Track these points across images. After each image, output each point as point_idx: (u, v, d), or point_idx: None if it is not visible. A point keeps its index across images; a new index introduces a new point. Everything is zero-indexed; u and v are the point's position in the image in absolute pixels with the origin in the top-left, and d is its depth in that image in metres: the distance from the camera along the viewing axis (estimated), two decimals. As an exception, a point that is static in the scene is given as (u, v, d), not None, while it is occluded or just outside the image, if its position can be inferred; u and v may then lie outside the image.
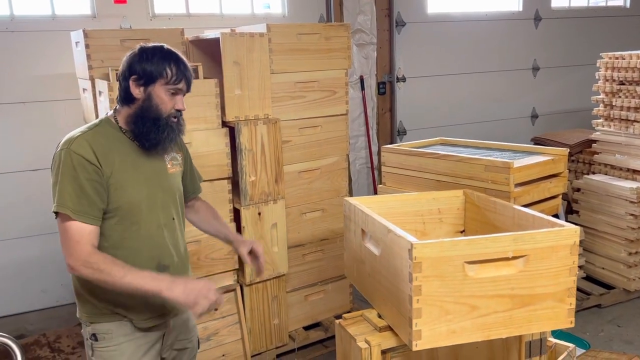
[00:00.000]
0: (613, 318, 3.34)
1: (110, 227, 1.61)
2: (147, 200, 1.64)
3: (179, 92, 1.63)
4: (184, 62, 1.64)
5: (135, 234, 1.63)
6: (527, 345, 1.55)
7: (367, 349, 1.41)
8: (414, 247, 1.29)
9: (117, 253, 1.59)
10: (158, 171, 1.70)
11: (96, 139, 1.59)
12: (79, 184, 1.52)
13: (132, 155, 1.64)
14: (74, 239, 1.52)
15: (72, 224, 1.52)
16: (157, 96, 1.61)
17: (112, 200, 1.58)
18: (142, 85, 1.60)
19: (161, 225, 1.69)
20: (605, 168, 3.72)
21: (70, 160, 1.53)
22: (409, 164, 2.47)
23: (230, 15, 3.98)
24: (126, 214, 1.60)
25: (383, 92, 4.62)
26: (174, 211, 1.74)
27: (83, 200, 1.53)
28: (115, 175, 1.58)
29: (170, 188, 1.73)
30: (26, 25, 3.41)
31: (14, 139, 3.48)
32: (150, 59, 1.59)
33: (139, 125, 1.61)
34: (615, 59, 3.59)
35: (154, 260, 1.67)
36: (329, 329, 3.09)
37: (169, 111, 1.63)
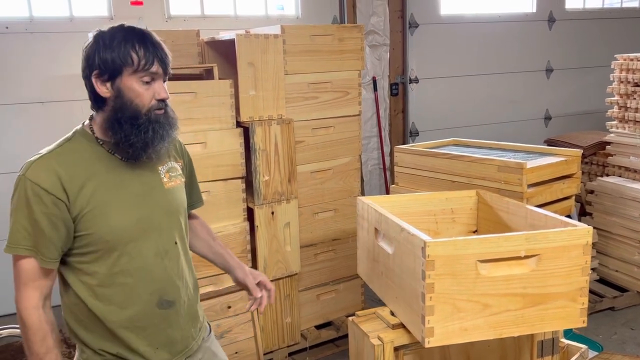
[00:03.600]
0: (626, 321, 3.32)
1: (94, 262, 1.33)
2: (139, 225, 1.35)
3: (155, 77, 1.32)
4: (151, 39, 1.32)
5: (126, 266, 1.34)
6: (539, 345, 1.55)
7: (380, 345, 1.42)
8: (427, 245, 1.30)
9: (107, 292, 1.34)
10: (151, 187, 1.39)
11: (64, 159, 1.30)
12: (34, 219, 1.26)
13: (115, 172, 1.34)
14: (21, 281, 1.29)
15: (24, 263, 1.28)
16: (129, 89, 1.30)
17: (91, 232, 1.30)
18: (108, 80, 1.30)
19: (160, 252, 1.39)
20: (620, 170, 3.69)
21: (24, 191, 1.27)
22: (422, 164, 2.48)
23: (245, 16, 4.02)
24: (112, 245, 1.32)
25: (396, 93, 4.63)
26: (177, 234, 1.44)
27: (38, 238, 1.27)
28: (93, 201, 1.29)
29: (169, 206, 1.42)
30: (45, 26, 3.47)
31: (33, 138, 3.54)
32: (108, 46, 1.28)
33: (116, 130, 1.31)
34: (630, 60, 3.56)
35: (154, 297, 1.39)
36: (341, 328, 3.10)
37: (148, 104, 1.32)
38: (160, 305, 1.39)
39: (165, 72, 1.35)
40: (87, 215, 1.29)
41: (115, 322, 1.35)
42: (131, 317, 1.37)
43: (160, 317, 1.40)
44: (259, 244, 2.76)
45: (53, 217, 1.27)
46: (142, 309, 1.37)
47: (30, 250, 1.28)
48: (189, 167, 1.59)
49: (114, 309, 1.35)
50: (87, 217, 1.29)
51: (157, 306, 1.39)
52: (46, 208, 1.26)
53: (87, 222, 1.30)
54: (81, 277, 1.34)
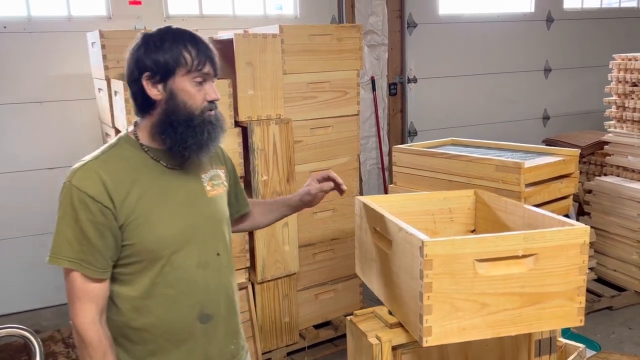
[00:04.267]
0: (624, 320, 3.33)
1: (137, 273, 1.30)
2: (183, 235, 1.32)
3: (206, 78, 1.30)
4: (202, 40, 1.31)
5: (168, 277, 1.30)
6: (536, 344, 1.56)
7: (378, 345, 1.43)
8: (425, 244, 1.30)
9: (148, 303, 1.30)
10: (195, 196, 1.36)
11: (110, 166, 1.27)
12: (80, 228, 1.23)
13: (160, 180, 1.31)
14: (76, 295, 1.25)
15: (74, 277, 1.25)
16: (181, 90, 1.27)
17: (136, 241, 1.27)
18: (160, 82, 1.27)
19: (202, 263, 1.35)
20: (617, 170, 3.70)
21: (70, 198, 1.24)
22: (420, 164, 2.49)
23: (243, 16, 4.02)
24: (156, 255, 1.29)
25: (394, 93, 4.63)
26: (220, 245, 1.40)
27: (84, 248, 1.23)
28: (138, 209, 1.26)
29: (212, 216, 1.39)
30: (43, 26, 3.47)
31: (31, 138, 3.54)
32: (160, 47, 1.26)
33: (169, 133, 1.27)
34: (628, 60, 3.57)
35: (194, 309, 1.35)
36: (339, 328, 3.11)
37: (200, 105, 1.29)
38: (200, 319, 1.35)
39: (216, 73, 1.33)
40: (132, 224, 1.26)
41: (155, 333, 1.32)
42: (171, 330, 1.33)
43: (200, 332, 1.36)
44: (257, 244, 2.76)
45: (100, 226, 1.23)
46: (183, 322, 1.33)
47: (72, 262, 1.23)
48: (233, 173, 1.57)
49: (154, 320, 1.31)
50: (132, 225, 1.26)
51: (198, 319, 1.35)
52: (92, 216, 1.23)
53: (132, 231, 1.26)
54: (122, 289, 1.30)
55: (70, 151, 3.62)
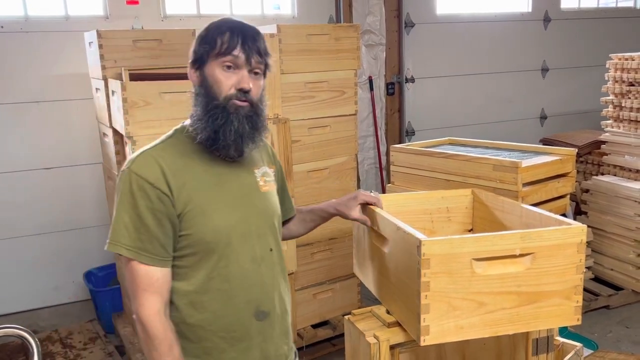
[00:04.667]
0: (621, 319, 3.33)
1: (192, 266, 1.26)
2: (237, 227, 1.28)
3: (238, 64, 1.23)
4: (243, 28, 1.25)
5: (224, 271, 1.27)
6: (534, 343, 1.56)
7: (376, 344, 1.43)
8: (422, 244, 1.31)
9: (204, 299, 1.27)
10: (249, 189, 1.34)
11: (167, 154, 1.25)
12: (138, 214, 1.21)
13: (214, 171, 1.29)
14: (139, 286, 1.22)
15: (135, 266, 1.22)
16: (210, 75, 1.24)
17: (192, 232, 1.24)
18: (198, 69, 1.27)
19: (257, 258, 1.32)
20: (614, 169, 3.71)
21: (129, 184, 1.22)
22: (418, 164, 2.49)
23: (241, 16, 4.00)
24: (212, 247, 1.25)
25: (392, 92, 4.64)
26: (272, 240, 1.37)
27: (142, 235, 1.21)
28: (195, 199, 1.24)
29: (265, 211, 1.36)
30: (40, 25, 3.46)
31: (28, 137, 3.53)
32: (204, 36, 1.26)
33: (202, 120, 1.25)
34: (624, 60, 3.58)
35: (250, 306, 1.31)
36: (337, 328, 3.11)
37: (226, 92, 1.23)
38: (256, 315, 1.32)
39: (250, 62, 1.24)
40: (189, 214, 1.23)
41: (211, 330, 1.28)
42: (227, 327, 1.29)
43: (256, 330, 1.33)
44: (255, 244, 2.76)
45: (158, 213, 1.21)
46: (238, 319, 1.30)
47: (130, 250, 1.21)
48: (281, 174, 1.53)
49: (210, 316, 1.28)
50: (189, 215, 1.23)
51: (254, 317, 1.31)
52: (151, 203, 1.21)
53: (189, 220, 1.24)
54: (178, 283, 1.27)
55: (68, 151, 3.62)
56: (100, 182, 3.44)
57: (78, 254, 3.69)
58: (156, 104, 2.44)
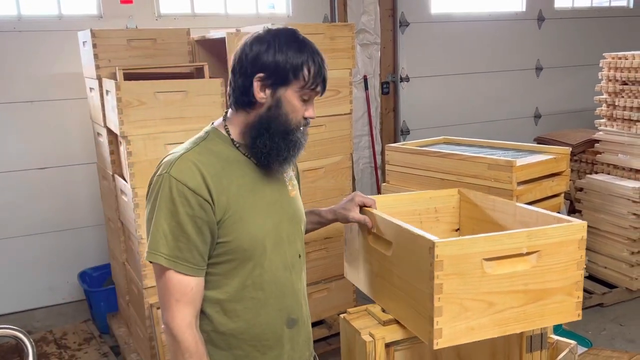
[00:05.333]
0: (615, 317, 3.35)
1: (227, 274, 1.24)
2: (272, 234, 1.27)
3: (313, 97, 1.27)
4: (322, 56, 1.26)
5: (258, 279, 1.26)
6: (528, 340, 1.57)
7: (372, 342, 1.43)
8: (436, 245, 1.29)
9: (237, 307, 1.25)
10: (280, 195, 1.33)
11: (206, 159, 1.21)
12: (177, 222, 1.17)
13: (250, 177, 1.26)
14: (173, 297, 1.18)
15: (171, 275, 1.18)
16: (289, 102, 1.23)
17: (230, 239, 1.22)
18: (270, 87, 1.22)
19: (288, 265, 1.31)
20: (608, 168, 3.73)
21: (169, 190, 1.17)
22: (413, 163, 2.49)
23: (235, 15, 4.01)
24: (248, 255, 1.24)
25: (387, 91, 4.64)
26: (300, 246, 1.37)
27: (181, 244, 1.18)
28: (233, 205, 1.21)
29: (294, 216, 1.36)
30: (33, 25, 3.45)
31: (22, 137, 3.52)
32: (284, 51, 1.20)
33: (263, 139, 1.23)
34: (618, 59, 3.60)
35: (283, 314, 1.31)
36: (333, 327, 3.11)
37: (299, 121, 1.26)
38: (288, 323, 1.31)
39: (323, 93, 1.29)
40: (228, 221, 1.21)
41: (242, 339, 1.27)
42: (259, 335, 1.28)
43: (287, 338, 1.32)
44: (250, 243, 2.76)
45: (198, 220, 1.18)
46: (271, 327, 1.29)
47: (169, 260, 1.17)
48: (298, 180, 1.52)
49: (242, 325, 1.26)
50: (228, 222, 1.21)
51: (286, 325, 1.31)
52: (192, 210, 1.17)
53: (228, 227, 1.21)
54: (210, 291, 1.24)
55: (62, 151, 3.61)
56: (94, 182, 3.43)
57: (72, 254, 3.67)
58: (150, 103, 2.43)
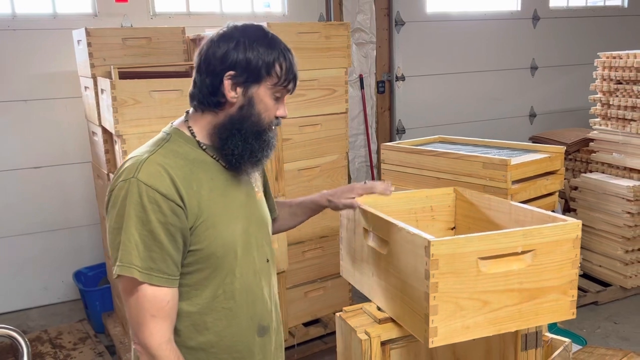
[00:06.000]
0: (609, 315, 3.37)
1: (197, 284, 1.17)
2: (242, 239, 1.21)
3: (284, 95, 1.21)
4: (291, 52, 1.21)
5: (230, 288, 1.19)
6: (523, 339, 1.57)
7: (367, 340, 1.43)
8: (431, 244, 1.29)
9: (207, 320, 1.18)
10: (248, 198, 1.26)
11: (172, 162, 1.14)
12: (149, 230, 1.09)
13: (219, 180, 1.20)
14: (148, 312, 1.10)
15: (145, 290, 1.09)
16: (261, 101, 1.17)
17: (202, 246, 1.15)
18: (242, 85, 1.15)
19: (257, 271, 1.25)
20: (603, 166, 3.75)
21: (138, 196, 1.08)
22: (408, 162, 2.50)
23: (231, 14, 4.01)
24: (220, 262, 1.17)
25: (382, 90, 4.65)
26: (268, 250, 1.31)
27: (154, 254, 1.09)
28: (205, 210, 1.14)
29: (262, 219, 1.30)
30: (28, 23, 3.43)
31: (16, 136, 3.50)
32: (254, 48, 1.14)
33: (235, 140, 1.16)
34: (612, 58, 3.61)
35: (253, 322, 1.25)
36: (329, 326, 3.11)
37: (271, 120, 1.21)
38: (258, 332, 1.26)
39: (293, 91, 1.24)
40: (200, 227, 1.13)
41: (213, 352, 1.20)
42: (230, 347, 1.22)
43: (258, 347, 1.27)
44: (246, 242, 2.75)
45: (171, 228, 1.10)
46: (242, 337, 1.23)
47: (142, 273, 1.08)
48: (265, 177, 1.46)
49: (213, 338, 1.20)
50: (200, 228, 1.14)
51: (257, 333, 1.25)
52: (164, 217, 1.09)
53: (200, 234, 1.14)
54: (179, 304, 1.16)
55: (57, 150, 3.59)
56: (89, 181, 3.42)
57: (67, 254, 3.66)
58: (146, 102, 2.43)
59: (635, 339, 3.09)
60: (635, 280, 3.53)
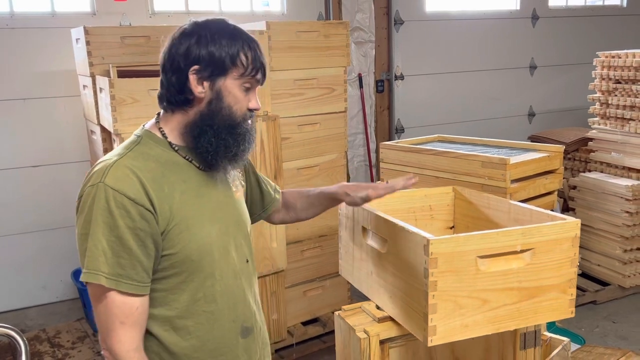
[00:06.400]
0: (608, 314, 3.37)
1: (174, 289, 1.15)
2: (220, 241, 1.20)
3: (254, 85, 1.19)
4: (257, 42, 1.18)
5: (210, 291, 1.18)
6: (521, 337, 1.57)
7: (366, 339, 1.43)
8: (430, 243, 1.30)
9: (188, 324, 1.17)
10: (225, 198, 1.24)
11: (142, 165, 1.12)
12: (117, 236, 1.07)
13: (193, 181, 1.18)
14: (117, 319, 1.08)
15: (113, 296, 1.08)
16: (230, 93, 1.15)
17: (176, 250, 1.13)
18: (208, 79, 1.13)
19: (237, 272, 1.24)
20: (601, 166, 3.75)
21: (105, 201, 1.07)
22: (407, 161, 2.49)
23: (230, 12, 4.00)
24: (196, 266, 1.15)
25: (381, 90, 4.64)
26: (247, 250, 1.29)
27: (123, 260, 1.07)
28: (178, 213, 1.12)
29: (240, 219, 1.28)
30: (26, 22, 3.42)
31: (14, 135, 3.50)
32: (216, 41, 1.12)
33: (207, 137, 1.14)
34: (611, 57, 3.62)
35: (236, 324, 1.23)
36: (327, 325, 3.11)
37: (244, 112, 1.18)
38: (242, 334, 1.24)
39: (264, 81, 1.21)
40: (173, 231, 1.11)
41: (196, 357, 1.19)
42: (214, 351, 1.20)
43: (242, 348, 1.25)
44: (245, 241, 2.75)
45: (141, 233, 1.08)
46: (226, 340, 1.21)
47: (110, 280, 1.07)
48: (251, 169, 1.43)
49: (196, 342, 1.18)
50: (172, 232, 1.11)
51: (240, 335, 1.24)
52: (133, 222, 1.07)
53: (173, 238, 1.12)
54: (155, 309, 1.15)
55: (55, 149, 3.59)
56: (88, 180, 3.41)
57: (66, 253, 3.65)
58: (144, 101, 2.42)
59: (633, 338, 3.10)
60: (633, 279, 3.54)
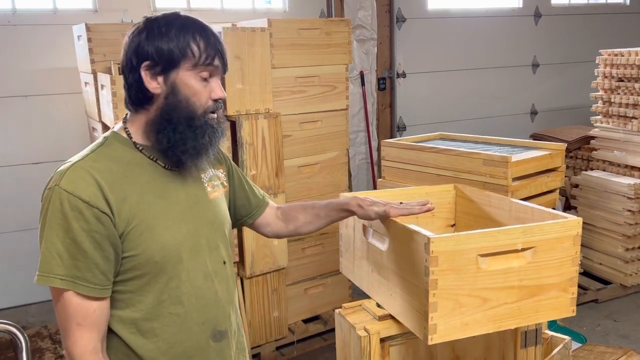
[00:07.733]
0: (610, 313, 3.37)
1: (139, 290, 1.14)
2: (187, 242, 1.17)
3: (213, 74, 1.16)
4: (212, 31, 1.16)
5: (175, 292, 1.16)
6: (522, 336, 1.57)
7: (366, 337, 1.43)
8: (431, 241, 1.29)
9: (155, 326, 1.15)
10: (196, 199, 1.22)
11: (103, 166, 1.11)
12: (72, 239, 1.06)
13: (158, 181, 1.16)
14: (74, 320, 1.08)
15: (70, 298, 1.07)
16: (185, 85, 1.13)
17: (138, 252, 1.11)
18: (161, 74, 1.12)
19: (209, 274, 1.21)
20: (604, 164, 3.74)
21: (59, 204, 1.06)
22: (408, 158, 2.49)
23: (231, 10, 4.00)
24: (160, 267, 1.13)
25: (383, 87, 4.64)
26: (225, 252, 1.27)
27: (79, 263, 1.06)
28: (138, 214, 1.11)
29: (215, 220, 1.25)
30: (28, 19, 3.42)
31: (16, 132, 3.50)
32: (164, 34, 1.11)
33: (168, 133, 1.13)
34: (614, 55, 3.61)
35: (207, 327, 1.21)
36: (328, 322, 3.12)
37: (205, 104, 1.15)
38: (213, 337, 1.21)
39: (225, 69, 1.18)
40: (133, 232, 1.10)
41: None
42: (182, 354, 1.18)
43: (214, 352, 1.23)
44: (246, 238, 2.76)
45: (97, 235, 1.06)
46: (195, 343, 1.19)
47: (65, 281, 1.06)
48: (235, 170, 1.40)
49: (162, 345, 1.16)
50: (133, 234, 1.10)
51: (211, 339, 1.21)
52: (87, 224, 1.05)
53: (133, 240, 1.10)
54: (121, 311, 1.14)
55: (56, 146, 3.59)
56: (89, 177, 3.41)
57: (67, 250, 3.66)
58: (146, 98, 2.42)
59: (635, 336, 3.09)
60: (635, 278, 3.53)
